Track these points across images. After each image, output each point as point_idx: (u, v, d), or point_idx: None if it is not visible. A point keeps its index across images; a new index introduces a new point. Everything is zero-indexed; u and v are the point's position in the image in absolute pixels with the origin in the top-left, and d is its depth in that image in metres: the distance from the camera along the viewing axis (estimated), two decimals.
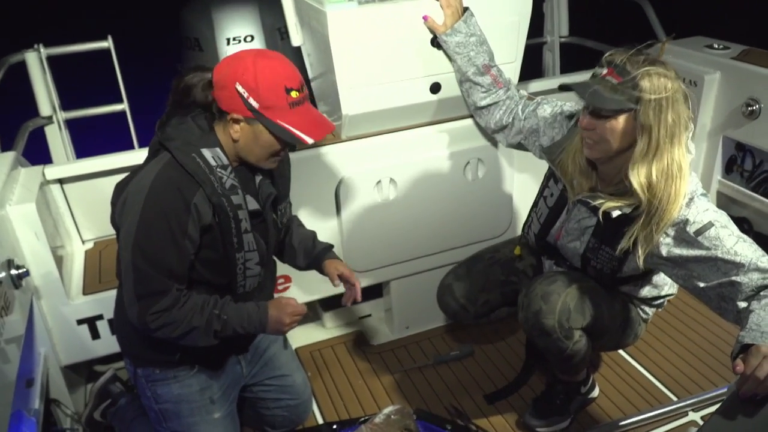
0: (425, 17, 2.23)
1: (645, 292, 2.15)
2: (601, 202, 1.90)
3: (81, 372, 2.62)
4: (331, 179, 2.48)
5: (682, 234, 1.80)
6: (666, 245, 1.83)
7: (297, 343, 2.82)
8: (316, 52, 2.40)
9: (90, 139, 3.55)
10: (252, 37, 3.21)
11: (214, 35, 3.26)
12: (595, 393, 2.47)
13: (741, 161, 3.07)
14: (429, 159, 2.54)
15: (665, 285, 2.16)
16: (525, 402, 2.47)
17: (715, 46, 3.13)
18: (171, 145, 1.70)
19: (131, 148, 2.99)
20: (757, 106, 2.83)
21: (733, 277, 1.71)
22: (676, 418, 2.39)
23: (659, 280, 2.14)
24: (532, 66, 2.50)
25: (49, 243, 2.20)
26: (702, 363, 2.63)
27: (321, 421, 2.46)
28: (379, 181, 2.50)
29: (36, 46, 2.91)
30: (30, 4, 10.63)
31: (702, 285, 1.79)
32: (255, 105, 1.66)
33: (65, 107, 3.08)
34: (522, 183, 2.79)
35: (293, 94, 1.68)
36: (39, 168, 2.40)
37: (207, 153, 1.72)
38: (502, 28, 2.36)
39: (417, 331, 2.90)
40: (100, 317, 2.34)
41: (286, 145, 1.76)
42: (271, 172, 1.91)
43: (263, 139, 1.72)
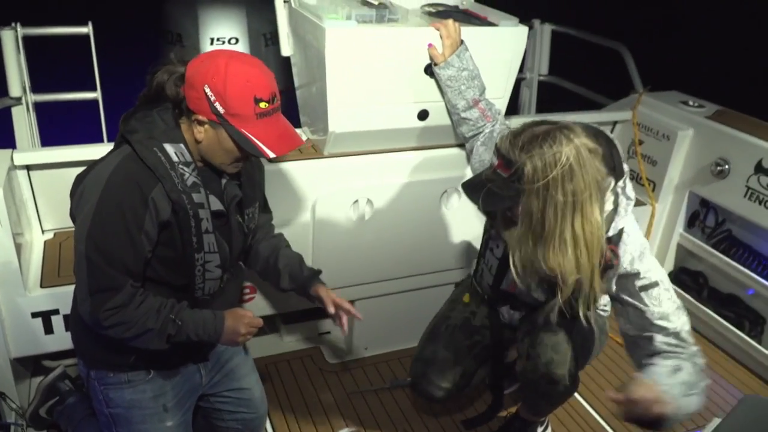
0: (430, 45, 2.23)
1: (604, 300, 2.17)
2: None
3: (27, 365, 2.53)
4: (310, 193, 2.46)
5: (628, 284, 1.85)
6: (614, 286, 1.89)
7: (253, 354, 2.76)
8: (307, 65, 2.39)
9: (56, 127, 3.45)
10: (237, 40, 3.17)
11: (198, 33, 3.20)
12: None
13: (704, 217, 3.17)
14: (407, 184, 2.55)
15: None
16: None
17: (690, 103, 3.22)
18: (133, 138, 1.67)
19: (99, 140, 2.92)
20: (727, 166, 2.93)
21: (655, 334, 1.83)
22: None
23: None
24: (509, 101, 2.53)
25: (11, 230, 2.12)
26: None
27: None
28: (356, 201, 2.49)
29: (13, 24, 2.82)
30: None
31: (627, 326, 1.91)
32: (221, 110, 1.64)
33: (35, 90, 2.98)
34: None
35: (262, 104, 1.65)
36: (8, 152, 2.32)
37: (170, 148, 1.69)
38: (495, 64, 2.39)
39: (375, 353, 2.89)
40: (55, 312, 2.25)
41: (248, 155, 1.73)
42: (239, 174, 1.88)
43: (226, 145, 1.70)
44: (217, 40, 3.27)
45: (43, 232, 2.56)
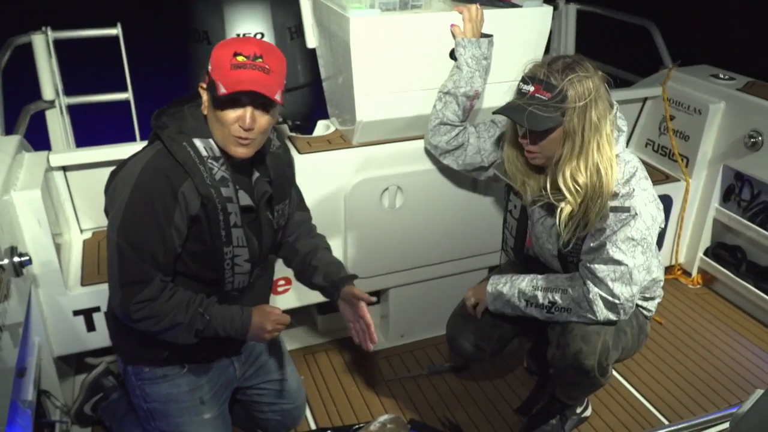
0: (453, 25, 2.23)
1: None
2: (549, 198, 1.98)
3: (71, 363, 2.58)
4: (340, 183, 2.47)
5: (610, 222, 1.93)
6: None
7: (290, 346, 2.80)
8: (332, 55, 2.39)
9: (90, 128, 3.50)
10: (262, 35, 3.17)
11: (224, 29, 3.21)
12: (588, 412, 2.48)
13: (739, 191, 3.11)
14: (437, 170, 2.54)
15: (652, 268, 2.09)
16: (517, 419, 2.48)
17: (721, 76, 3.17)
18: (163, 134, 1.70)
19: (132, 139, 2.95)
20: (760, 138, 2.88)
21: (593, 265, 1.95)
22: None
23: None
24: None
25: (50, 231, 2.16)
26: (693, 388, 2.65)
27: (314, 426, 2.45)
28: (387, 189, 2.50)
29: (44, 28, 2.87)
30: None
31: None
32: (209, 68, 1.67)
33: (68, 93, 3.03)
34: None
35: (239, 58, 1.63)
36: (44, 154, 2.36)
37: (199, 143, 1.71)
38: (520, 44, 2.37)
39: (412, 340, 2.90)
40: (97, 309, 2.31)
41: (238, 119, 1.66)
42: (270, 171, 1.89)
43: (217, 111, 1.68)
44: (244, 35, 3.28)
45: (82, 231, 2.61)
